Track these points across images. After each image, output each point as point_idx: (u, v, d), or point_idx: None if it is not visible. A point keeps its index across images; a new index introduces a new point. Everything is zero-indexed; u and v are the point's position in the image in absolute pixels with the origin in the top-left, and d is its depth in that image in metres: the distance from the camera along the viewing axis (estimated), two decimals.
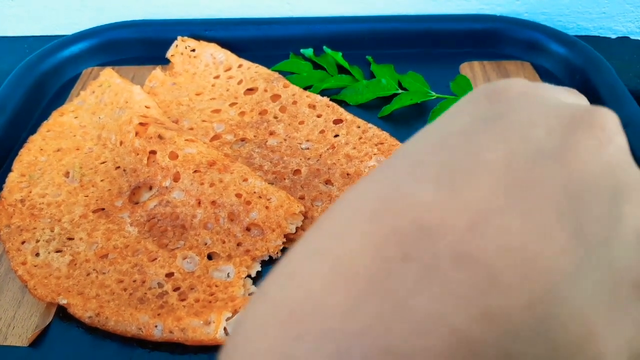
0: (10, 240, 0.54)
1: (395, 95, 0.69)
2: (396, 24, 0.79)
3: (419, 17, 0.80)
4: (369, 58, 0.76)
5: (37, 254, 0.53)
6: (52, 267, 0.52)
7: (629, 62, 0.80)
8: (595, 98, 0.69)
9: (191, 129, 0.65)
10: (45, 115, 0.68)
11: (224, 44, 0.76)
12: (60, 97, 0.73)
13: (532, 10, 0.82)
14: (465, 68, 0.75)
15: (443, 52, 0.78)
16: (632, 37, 0.84)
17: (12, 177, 0.60)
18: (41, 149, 0.63)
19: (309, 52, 0.76)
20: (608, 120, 0.20)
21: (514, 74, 0.75)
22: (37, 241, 0.54)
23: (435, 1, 0.81)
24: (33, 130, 0.66)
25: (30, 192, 0.58)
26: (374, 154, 0.60)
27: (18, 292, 0.52)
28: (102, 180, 0.60)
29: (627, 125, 0.63)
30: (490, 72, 0.75)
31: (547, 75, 0.75)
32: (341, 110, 0.66)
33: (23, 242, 0.54)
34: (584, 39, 0.81)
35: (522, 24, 0.78)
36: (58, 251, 0.53)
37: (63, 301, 0.48)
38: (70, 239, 0.54)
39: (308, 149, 0.63)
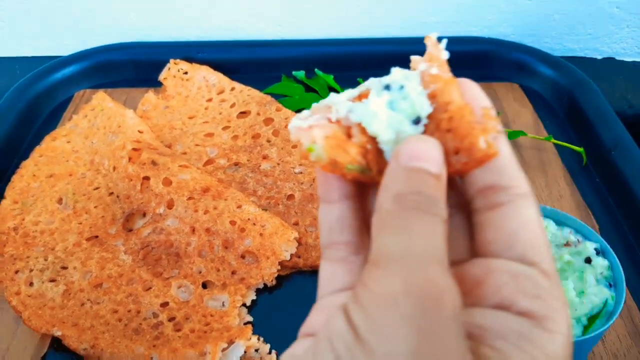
0: (4, 270, 0.54)
1: None
2: (387, 46, 0.80)
3: (409, 39, 0.81)
4: (360, 80, 0.76)
5: (31, 284, 0.53)
6: (46, 297, 0.51)
7: (614, 82, 0.82)
8: (582, 119, 0.70)
9: (184, 153, 0.65)
10: (37, 139, 0.67)
11: (216, 66, 0.76)
12: (52, 120, 0.73)
13: (519, 32, 0.84)
14: None
15: None
16: (618, 57, 0.86)
17: (4, 205, 0.59)
18: (34, 175, 0.63)
19: (300, 74, 0.77)
20: None
21: (502, 95, 0.76)
22: (31, 270, 0.54)
23: (425, 24, 0.82)
24: (25, 155, 0.66)
25: (24, 219, 0.58)
26: None
27: (12, 323, 0.51)
28: (95, 207, 0.59)
29: (615, 147, 0.64)
30: None
31: (535, 97, 0.76)
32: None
33: (17, 272, 0.54)
34: (570, 59, 0.83)
35: (511, 47, 0.79)
36: (52, 280, 0.53)
37: (58, 333, 0.48)
38: (64, 267, 0.54)
39: (301, 173, 0.63)
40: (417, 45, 0.83)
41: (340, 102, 0.25)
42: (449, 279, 0.20)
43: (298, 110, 0.71)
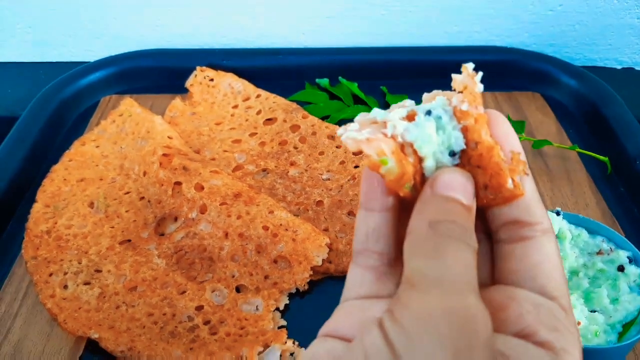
0: (38, 272, 0.54)
1: None
2: (409, 55, 0.81)
3: (431, 48, 0.82)
4: (384, 88, 0.77)
5: (66, 287, 0.53)
6: (81, 300, 0.52)
7: (635, 92, 0.82)
8: (606, 129, 0.71)
9: (213, 159, 0.66)
10: (65, 144, 0.68)
11: (241, 73, 0.77)
12: (79, 125, 0.73)
13: (540, 42, 0.85)
14: None
15: None
16: (637, 68, 0.86)
17: (36, 208, 0.60)
18: (64, 179, 0.63)
19: (324, 82, 0.78)
20: None
21: (525, 104, 0.77)
22: (65, 273, 0.54)
23: (447, 33, 0.83)
24: (54, 160, 0.66)
25: (56, 223, 0.59)
26: None
27: (46, 325, 0.52)
28: (127, 211, 0.60)
29: (638, 157, 0.64)
30: (502, 103, 0.77)
31: (557, 106, 0.77)
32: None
33: (50, 274, 0.54)
34: (590, 69, 0.84)
35: (532, 56, 0.80)
36: (86, 283, 0.53)
37: (95, 335, 0.49)
38: (98, 271, 0.55)
39: (329, 179, 0.64)
40: (439, 55, 0.84)
41: (396, 120, 0.26)
42: (481, 305, 0.21)
43: (323, 118, 0.72)
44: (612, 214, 0.62)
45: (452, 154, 0.26)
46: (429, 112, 0.26)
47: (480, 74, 0.25)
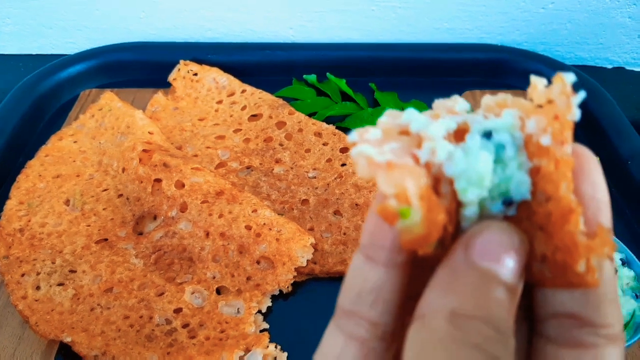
0: (10, 272, 0.52)
1: None
2: (399, 52, 0.79)
3: (422, 45, 0.80)
4: (372, 85, 0.75)
5: (38, 287, 0.51)
6: (54, 302, 0.50)
7: (626, 92, 0.81)
8: (598, 130, 0.70)
9: (195, 155, 0.64)
10: (42, 139, 0.66)
11: (226, 68, 0.75)
12: (57, 120, 0.71)
13: (531, 40, 0.83)
14: (467, 97, 0.76)
15: (445, 80, 0.78)
16: (628, 67, 0.85)
17: (10, 205, 0.58)
18: (40, 175, 0.61)
19: (312, 78, 0.76)
20: None
21: None
22: (38, 273, 0.52)
23: (437, 30, 0.81)
24: (30, 155, 0.64)
25: (30, 221, 0.56)
26: None
27: (18, 328, 0.50)
28: (104, 209, 0.58)
29: (631, 158, 0.63)
30: None
31: None
32: (348, 138, 0.65)
33: (23, 275, 0.52)
34: (581, 68, 0.82)
35: (523, 55, 0.79)
36: (60, 284, 0.51)
37: (67, 339, 0.46)
38: (72, 271, 0.52)
39: (315, 177, 0.62)
40: (430, 52, 0.82)
41: (437, 137, 0.18)
42: None
43: (310, 114, 0.70)
44: None
45: (508, 202, 0.18)
46: (488, 135, 0.18)
47: (581, 95, 0.17)
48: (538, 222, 0.17)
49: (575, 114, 0.17)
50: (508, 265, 0.17)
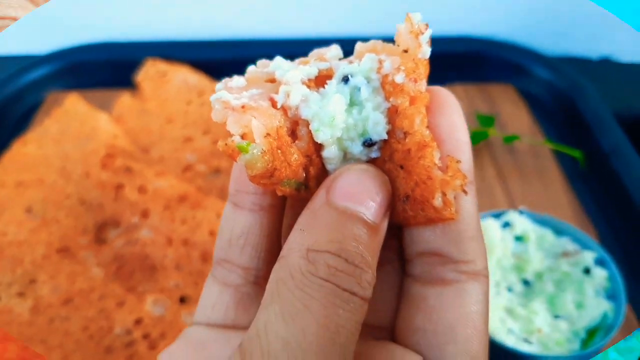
0: None
1: None
2: None
3: None
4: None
5: None
6: (13, 313, 0.48)
7: (611, 84, 0.79)
8: (580, 123, 0.68)
9: (162, 159, 0.62)
10: (5, 145, 0.64)
11: (198, 66, 0.73)
12: (22, 124, 0.69)
13: (515, 32, 0.81)
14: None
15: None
16: (614, 58, 0.83)
17: None
18: (1, 183, 0.59)
19: None
20: None
21: (496, 96, 0.74)
22: None
23: None
24: None
25: None
26: None
27: None
28: (66, 217, 0.56)
29: (612, 153, 0.61)
30: (474, 96, 0.73)
31: (531, 99, 0.74)
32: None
33: None
34: (565, 60, 0.80)
35: (505, 47, 0.77)
36: (20, 295, 0.49)
37: None
38: (32, 281, 0.51)
39: None
40: None
41: (294, 82, 0.19)
42: None
43: None
44: (585, 211, 0.59)
45: (369, 143, 0.18)
46: (345, 79, 0.19)
47: (430, 31, 0.18)
48: (399, 160, 0.18)
49: (425, 51, 0.18)
50: (368, 205, 0.17)
